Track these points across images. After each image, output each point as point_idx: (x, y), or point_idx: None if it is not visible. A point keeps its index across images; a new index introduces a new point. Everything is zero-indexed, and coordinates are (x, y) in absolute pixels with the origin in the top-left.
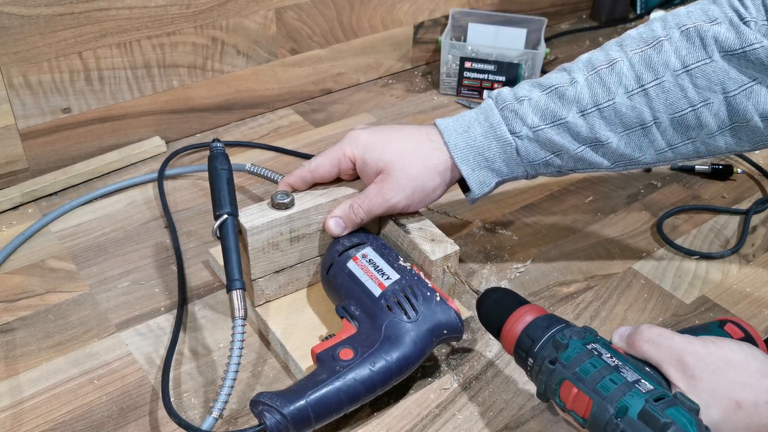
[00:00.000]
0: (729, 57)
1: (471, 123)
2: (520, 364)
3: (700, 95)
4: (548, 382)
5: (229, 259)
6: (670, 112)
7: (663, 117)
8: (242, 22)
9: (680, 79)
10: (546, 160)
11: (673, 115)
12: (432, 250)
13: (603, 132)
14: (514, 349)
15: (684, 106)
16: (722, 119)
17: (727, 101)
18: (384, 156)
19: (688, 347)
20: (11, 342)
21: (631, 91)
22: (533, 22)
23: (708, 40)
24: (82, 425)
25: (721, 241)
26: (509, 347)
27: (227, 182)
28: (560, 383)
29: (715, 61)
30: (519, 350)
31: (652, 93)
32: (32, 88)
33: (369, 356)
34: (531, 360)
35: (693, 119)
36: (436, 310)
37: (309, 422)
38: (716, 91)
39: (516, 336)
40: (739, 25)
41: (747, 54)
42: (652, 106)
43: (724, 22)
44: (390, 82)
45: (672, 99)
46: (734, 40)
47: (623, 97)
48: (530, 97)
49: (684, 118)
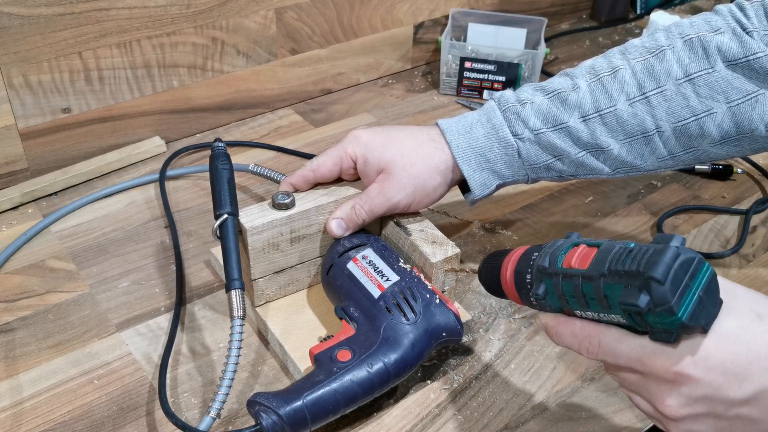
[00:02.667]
0: (732, 66)
1: (473, 124)
2: (527, 303)
3: (703, 104)
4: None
5: (228, 259)
6: (673, 120)
7: (666, 126)
8: (242, 22)
9: (682, 87)
10: (547, 163)
11: (676, 124)
12: (433, 252)
13: (604, 138)
14: (517, 292)
15: (686, 115)
16: (726, 130)
17: (731, 111)
18: (385, 155)
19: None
20: (11, 342)
21: (633, 99)
22: (533, 22)
23: (711, 50)
24: (82, 425)
25: (721, 241)
26: (513, 295)
27: (228, 182)
28: (564, 254)
29: (717, 71)
30: (520, 291)
31: (654, 101)
32: (32, 88)
33: (367, 358)
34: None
35: (696, 128)
36: (435, 313)
37: (305, 423)
38: (719, 101)
39: (511, 279)
40: (741, 35)
41: (750, 63)
42: (654, 114)
43: (727, 31)
44: (390, 82)
45: (674, 107)
46: (737, 50)
47: (625, 104)
48: (533, 100)
49: (687, 127)
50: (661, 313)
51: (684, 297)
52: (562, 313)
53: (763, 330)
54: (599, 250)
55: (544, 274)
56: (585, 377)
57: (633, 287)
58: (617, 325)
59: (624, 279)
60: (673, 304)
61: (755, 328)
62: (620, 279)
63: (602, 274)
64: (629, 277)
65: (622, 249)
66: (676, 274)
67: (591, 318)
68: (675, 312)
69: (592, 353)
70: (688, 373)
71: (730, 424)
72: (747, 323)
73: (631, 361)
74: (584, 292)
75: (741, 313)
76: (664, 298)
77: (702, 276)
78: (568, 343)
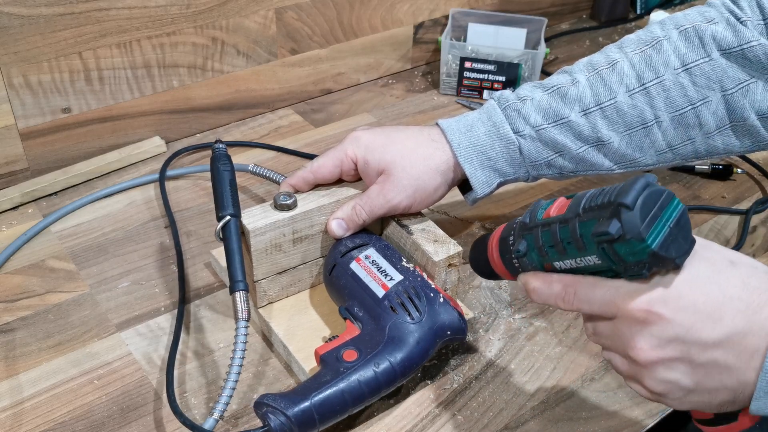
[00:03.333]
0: (727, 55)
1: (474, 122)
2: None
3: (700, 93)
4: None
5: (232, 261)
6: (671, 110)
7: (664, 116)
8: (242, 22)
9: (680, 77)
10: (548, 160)
11: (674, 114)
12: (435, 251)
13: (605, 131)
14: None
15: (684, 104)
16: (721, 118)
17: (725, 99)
18: (385, 156)
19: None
20: (11, 342)
21: (633, 90)
22: (533, 22)
23: (706, 39)
24: (82, 425)
25: (721, 241)
26: (499, 266)
27: (230, 183)
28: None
29: (714, 60)
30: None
31: (653, 91)
32: (32, 88)
33: (373, 357)
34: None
35: (693, 118)
36: (439, 311)
37: (313, 424)
38: (715, 89)
39: (496, 248)
40: (735, 24)
41: (745, 52)
42: (653, 104)
43: (721, 21)
44: (390, 82)
45: (672, 97)
46: (732, 39)
47: (625, 96)
48: (533, 97)
49: (684, 116)
50: (630, 240)
51: (654, 225)
52: (542, 270)
53: (736, 274)
54: (575, 196)
55: (525, 230)
56: (585, 377)
57: (605, 218)
58: (593, 271)
59: (597, 212)
60: (642, 230)
61: (728, 272)
62: (594, 214)
63: (577, 213)
64: (601, 209)
65: (596, 190)
66: (644, 202)
67: (569, 268)
68: (644, 238)
69: (568, 303)
70: (659, 312)
71: (705, 371)
72: (720, 267)
73: (604, 305)
74: (561, 237)
75: (715, 260)
76: (633, 223)
77: (672, 209)
78: (545, 297)
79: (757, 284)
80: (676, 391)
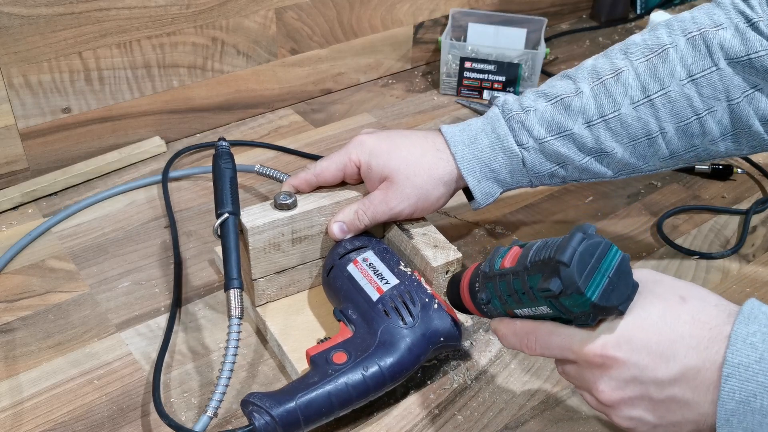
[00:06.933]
0: (734, 64)
1: (477, 133)
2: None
3: (705, 104)
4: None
5: (228, 258)
6: (676, 121)
7: (668, 127)
8: (242, 22)
9: (686, 88)
10: (551, 171)
11: (678, 125)
12: (434, 256)
13: (608, 143)
14: (472, 303)
15: (689, 115)
16: (725, 126)
17: (731, 108)
18: (390, 163)
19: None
20: (11, 342)
21: (637, 102)
22: (533, 22)
23: (714, 48)
24: (82, 425)
25: (721, 241)
26: (471, 308)
27: (230, 181)
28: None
29: (721, 69)
30: (474, 301)
31: (658, 103)
32: (32, 88)
33: (362, 361)
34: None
35: (697, 127)
36: (433, 317)
37: (298, 424)
38: (720, 99)
39: (466, 292)
40: (745, 31)
41: (752, 61)
42: (657, 116)
43: (730, 27)
44: (390, 82)
45: (677, 108)
46: (739, 47)
47: (629, 108)
48: (536, 107)
49: (689, 126)
50: (572, 294)
51: (592, 278)
52: (506, 316)
53: (686, 311)
54: (525, 247)
55: (486, 279)
56: None
57: (547, 274)
58: (550, 318)
59: (541, 268)
60: (581, 284)
61: (679, 309)
62: (539, 269)
63: (525, 267)
64: (544, 265)
65: (541, 242)
66: (581, 257)
67: (528, 315)
68: (583, 292)
69: (531, 349)
70: (614, 355)
71: (665, 407)
72: (671, 305)
73: (564, 350)
74: (515, 288)
75: (665, 297)
76: (571, 279)
77: (611, 259)
78: (512, 343)
79: (707, 319)
80: (642, 425)
